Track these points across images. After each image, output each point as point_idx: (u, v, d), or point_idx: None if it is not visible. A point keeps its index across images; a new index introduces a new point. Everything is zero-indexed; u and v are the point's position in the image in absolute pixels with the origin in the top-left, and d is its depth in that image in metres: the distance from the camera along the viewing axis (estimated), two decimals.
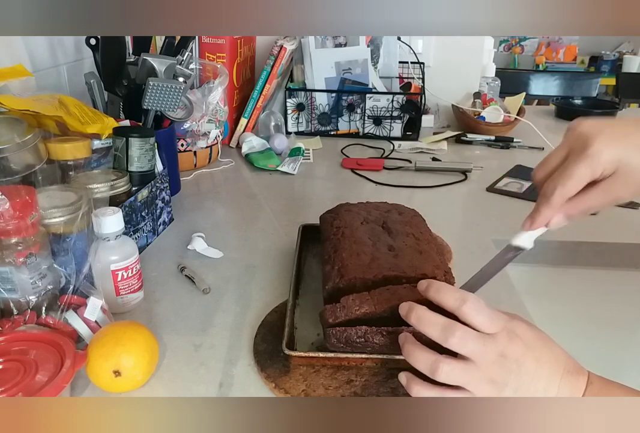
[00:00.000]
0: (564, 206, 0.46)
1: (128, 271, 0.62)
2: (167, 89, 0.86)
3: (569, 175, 0.44)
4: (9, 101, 0.67)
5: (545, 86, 2.69)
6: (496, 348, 0.41)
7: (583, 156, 0.43)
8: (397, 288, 0.51)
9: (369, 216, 0.67)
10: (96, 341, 0.51)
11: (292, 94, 1.37)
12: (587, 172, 0.44)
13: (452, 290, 0.44)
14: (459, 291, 0.44)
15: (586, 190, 0.45)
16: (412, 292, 0.50)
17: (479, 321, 0.41)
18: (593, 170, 0.43)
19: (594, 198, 0.45)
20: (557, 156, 0.47)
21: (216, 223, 0.90)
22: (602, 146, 0.43)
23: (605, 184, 0.44)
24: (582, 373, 0.43)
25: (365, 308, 0.50)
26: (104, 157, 0.77)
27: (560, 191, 0.45)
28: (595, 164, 0.43)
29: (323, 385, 0.51)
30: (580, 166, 0.44)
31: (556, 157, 0.47)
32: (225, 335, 0.60)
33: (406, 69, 1.48)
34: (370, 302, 0.50)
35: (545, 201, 0.46)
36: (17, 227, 0.53)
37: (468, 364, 0.41)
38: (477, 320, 0.41)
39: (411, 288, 0.50)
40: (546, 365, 0.42)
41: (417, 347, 0.44)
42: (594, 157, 0.43)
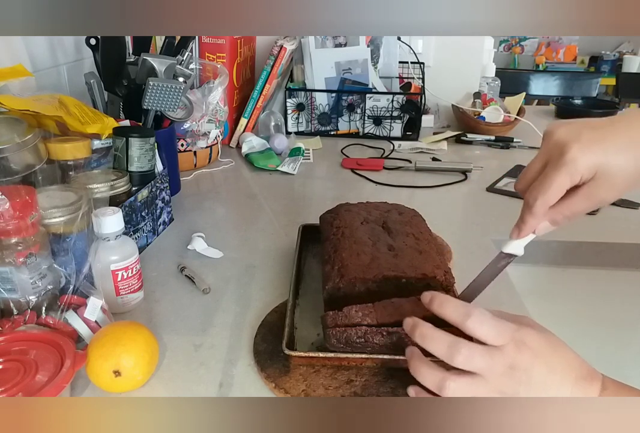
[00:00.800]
0: (548, 213, 0.46)
1: (128, 271, 0.62)
2: (167, 89, 0.86)
3: (548, 184, 0.44)
4: (9, 101, 0.67)
5: (545, 86, 2.69)
6: (504, 360, 0.41)
7: (561, 164, 0.43)
8: (401, 302, 0.51)
9: (369, 216, 0.67)
10: (96, 341, 0.51)
11: (292, 94, 1.37)
12: (566, 179, 0.44)
13: (456, 304, 0.43)
14: (463, 305, 0.43)
15: (569, 196, 0.45)
16: (417, 306, 0.50)
17: (484, 335, 0.41)
18: (572, 177, 0.43)
19: (577, 203, 0.45)
20: (536, 165, 0.47)
21: (216, 223, 0.90)
22: (578, 152, 0.43)
23: (586, 189, 0.44)
24: (596, 379, 0.42)
25: (368, 321, 0.50)
26: (104, 157, 0.77)
27: (541, 200, 0.45)
28: (573, 171, 0.43)
29: (323, 385, 0.51)
30: (559, 174, 0.44)
31: (535, 166, 0.47)
32: (225, 335, 0.60)
33: (406, 69, 1.48)
34: (373, 315, 0.50)
35: (529, 210, 0.47)
36: (17, 227, 0.53)
37: (476, 379, 0.41)
38: (483, 334, 0.41)
39: (416, 301, 0.50)
40: (557, 372, 0.41)
41: (424, 364, 0.44)
42: (571, 165, 0.43)
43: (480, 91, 1.52)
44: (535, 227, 0.48)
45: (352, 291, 0.56)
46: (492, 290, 0.62)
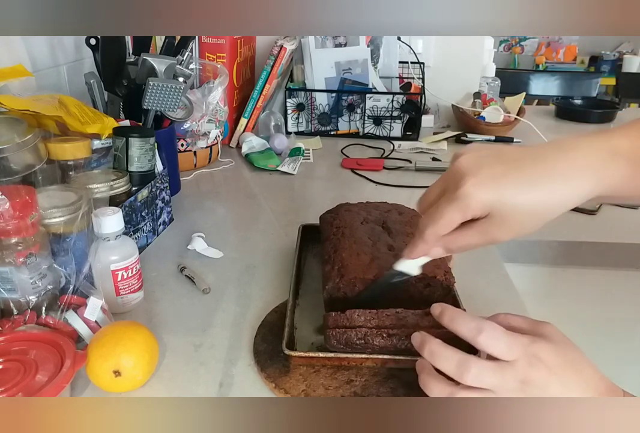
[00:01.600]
0: (441, 240, 0.45)
1: (128, 271, 0.62)
2: (167, 89, 0.86)
3: (439, 215, 0.42)
4: (9, 101, 0.67)
5: (545, 86, 2.69)
6: (516, 376, 0.40)
7: (453, 197, 0.41)
8: (407, 314, 0.51)
9: (369, 216, 0.67)
10: (96, 341, 0.51)
11: (292, 94, 1.37)
12: (456, 215, 0.42)
13: (467, 319, 0.43)
14: (474, 319, 0.42)
15: (464, 227, 0.43)
16: (422, 320, 0.50)
17: (496, 351, 0.40)
18: (463, 213, 0.41)
19: (470, 237, 0.43)
20: (435, 190, 0.45)
21: (216, 223, 0.90)
22: (473, 188, 0.40)
23: (480, 226, 0.42)
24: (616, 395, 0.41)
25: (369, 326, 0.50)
26: (104, 157, 0.77)
27: (432, 229, 0.43)
28: (465, 207, 0.41)
29: (323, 385, 0.51)
30: (450, 208, 0.42)
31: (434, 191, 0.45)
32: (225, 335, 0.60)
33: (406, 69, 1.48)
34: (375, 322, 0.51)
35: (420, 235, 0.45)
36: (17, 227, 0.53)
37: (486, 394, 0.40)
38: (494, 350, 0.40)
39: (423, 315, 0.50)
40: (574, 390, 0.40)
41: (433, 378, 0.43)
42: (464, 200, 0.41)
43: (480, 91, 1.52)
44: (426, 252, 0.47)
45: (352, 291, 0.56)
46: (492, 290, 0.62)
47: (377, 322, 0.50)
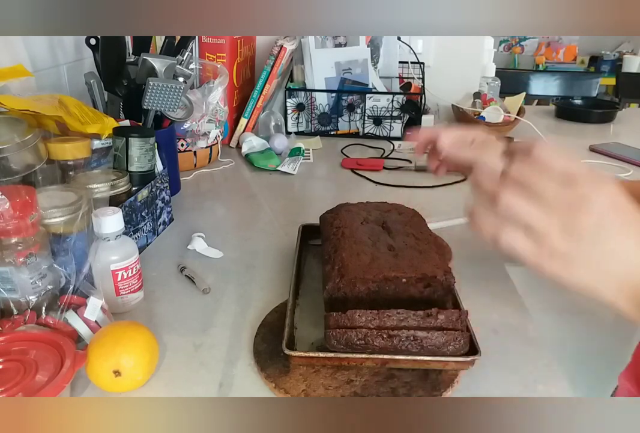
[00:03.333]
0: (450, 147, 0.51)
1: (128, 271, 0.62)
2: (167, 89, 0.86)
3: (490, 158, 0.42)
4: (9, 101, 0.67)
5: (545, 86, 2.69)
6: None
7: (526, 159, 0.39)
8: (408, 315, 0.51)
9: (369, 216, 0.67)
10: (96, 341, 0.51)
11: (292, 94, 1.37)
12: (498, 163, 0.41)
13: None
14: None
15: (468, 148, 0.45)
16: (423, 321, 0.50)
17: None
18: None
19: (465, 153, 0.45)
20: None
21: (216, 223, 0.90)
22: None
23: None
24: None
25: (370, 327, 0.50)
26: (104, 157, 0.77)
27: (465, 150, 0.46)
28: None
29: (323, 385, 0.51)
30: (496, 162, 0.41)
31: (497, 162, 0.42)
32: (225, 335, 0.60)
33: (406, 69, 1.48)
34: (376, 323, 0.51)
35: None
36: (17, 227, 0.53)
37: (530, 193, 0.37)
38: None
39: (424, 316, 0.50)
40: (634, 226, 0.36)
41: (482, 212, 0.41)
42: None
43: (480, 91, 1.52)
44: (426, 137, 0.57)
45: (352, 291, 0.56)
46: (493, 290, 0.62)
47: (378, 323, 0.50)
